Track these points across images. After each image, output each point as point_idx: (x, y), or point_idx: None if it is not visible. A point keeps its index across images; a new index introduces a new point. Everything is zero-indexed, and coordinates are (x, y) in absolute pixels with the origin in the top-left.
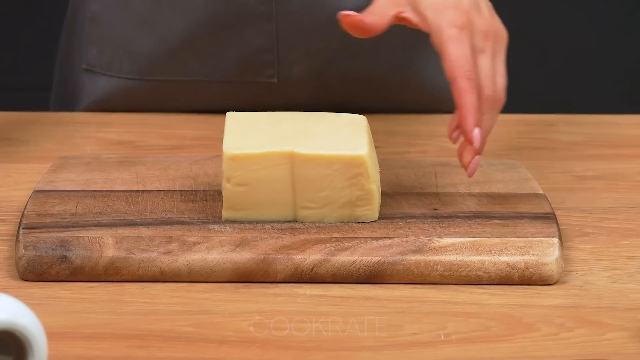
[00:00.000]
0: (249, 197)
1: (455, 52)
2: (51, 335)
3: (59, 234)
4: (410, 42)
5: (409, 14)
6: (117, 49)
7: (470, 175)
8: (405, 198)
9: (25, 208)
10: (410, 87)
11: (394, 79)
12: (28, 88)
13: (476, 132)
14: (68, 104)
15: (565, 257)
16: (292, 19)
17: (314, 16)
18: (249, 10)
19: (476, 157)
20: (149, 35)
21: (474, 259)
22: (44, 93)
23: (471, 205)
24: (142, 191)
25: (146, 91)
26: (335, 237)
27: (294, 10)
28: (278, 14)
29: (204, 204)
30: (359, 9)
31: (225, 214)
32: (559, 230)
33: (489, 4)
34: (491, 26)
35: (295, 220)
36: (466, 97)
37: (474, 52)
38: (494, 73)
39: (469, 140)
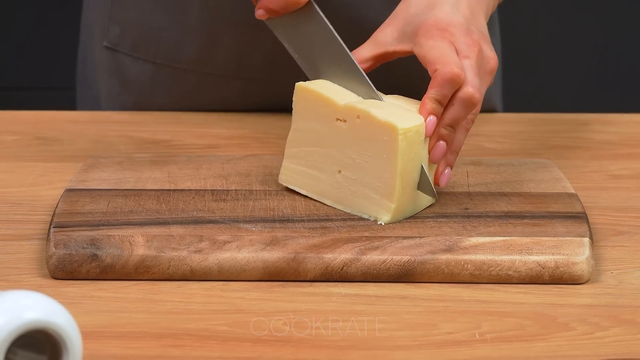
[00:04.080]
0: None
1: (436, 51)
2: (86, 334)
3: (89, 233)
4: None
5: (402, 46)
6: (143, 33)
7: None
8: (437, 197)
9: (56, 207)
10: None
11: (421, 81)
12: (61, 87)
13: (430, 118)
14: (90, 81)
15: (599, 256)
16: None
17: (338, 21)
18: None
19: (440, 143)
20: (178, 25)
21: (505, 258)
22: (76, 92)
23: (502, 205)
24: (174, 190)
25: (171, 79)
26: (365, 236)
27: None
28: None
29: (235, 203)
30: (382, 13)
31: None
32: (589, 229)
33: (485, 33)
34: (477, 43)
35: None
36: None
37: (458, 54)
38: (474, 75)
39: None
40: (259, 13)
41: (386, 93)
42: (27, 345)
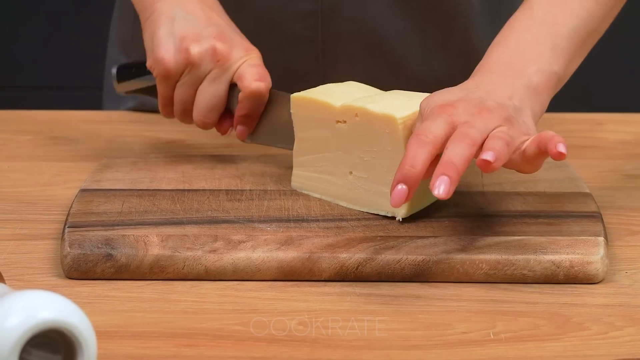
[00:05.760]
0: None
1: (419, 125)
2: (100, 334)
3: (104, 233)
4: (457, 61)
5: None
6: None
7: (393, 203)
8: (452, 197)
9: (71, 207)
10: None
11: (435, 82)
12: (77, 87)
13: (400, 187)
14: (118, 97)
15: (614, 255)
16: (337, 44)
17: (359, 40)
18: (295, 36)
19: (401, 185)
20: None
21: (519, 257)
22: (94, 92)
23: (517, 204)
24: (188, 190)
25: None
26: (380, 236)
27: (339, 36)
28: (324, 39)
29: (250, 203)
30: (403, 31)
31: None
32: (604, 228)
33: (508, 102)
34: (484, 110)
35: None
36: (407, 149)
37: (452, 124)
38: (467, 129)
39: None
40: (239, 130)
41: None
42: (42, 345)
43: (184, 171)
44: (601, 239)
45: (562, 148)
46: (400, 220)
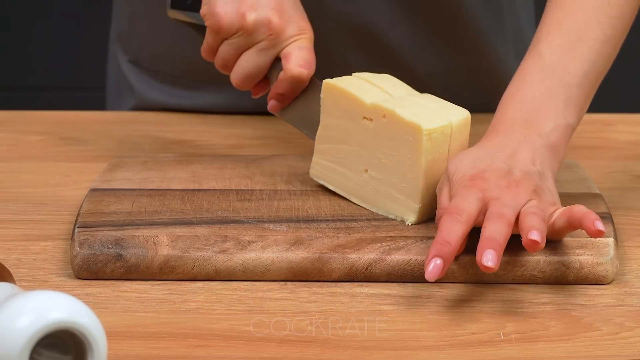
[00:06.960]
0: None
1: (451, 203)
2: (110, 334)
3: (114, 233)
4: (448, 52)
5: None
6: (159, 48)
7: (428, 277)
8: None
9: (81, 207)
10: (459, 95)
11: (435, 89)
12: (87, 87)
13: (435, 263)
14: (119, 93)
15: (624, 256)
16: (327, 37)
17: (349, 33)
18: None
19: (435, 260)
20: (190, 40)
21: (529, 258)
22: (104, 92)
23: None
24: (198, 190)
25: (190, 91)
26: (390, 237)
27: (328, 29)
28: (314, 33)
29: (260, 203)
30: (392, 23)
31: None
32: (614, 230)
33: (532, 169)
34: (514, 183)
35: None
36: (441, 226)
37: (483, 200)
38: (501, 209)
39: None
40: (271, 105)
41: None
42: (52, 346)
43: (194, 171)
44: (611, 239)
45: (600, 226)
46: (410, 224)
